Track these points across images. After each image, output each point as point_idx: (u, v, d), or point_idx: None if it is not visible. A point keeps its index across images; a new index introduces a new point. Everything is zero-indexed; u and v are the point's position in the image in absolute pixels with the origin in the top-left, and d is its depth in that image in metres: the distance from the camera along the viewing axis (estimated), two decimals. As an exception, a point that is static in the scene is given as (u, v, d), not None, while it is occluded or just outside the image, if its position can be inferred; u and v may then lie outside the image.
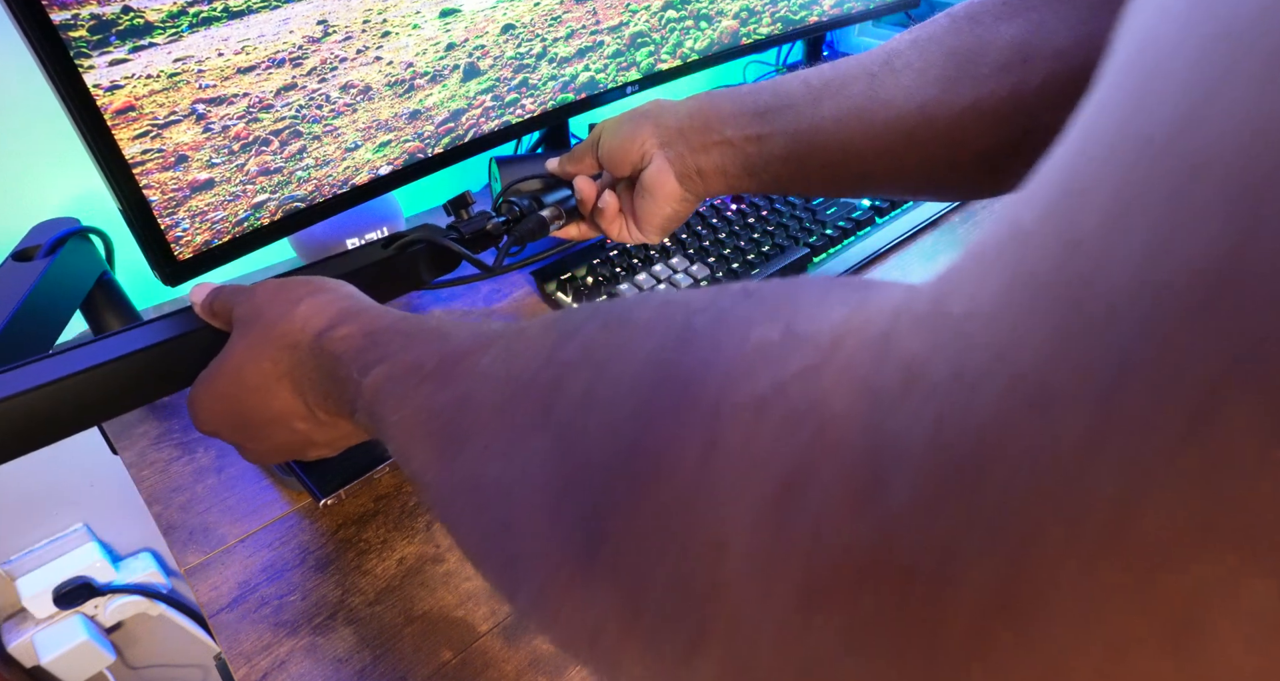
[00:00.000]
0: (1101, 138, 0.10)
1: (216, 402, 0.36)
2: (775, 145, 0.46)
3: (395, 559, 0.47)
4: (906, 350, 0.12)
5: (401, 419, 0.25)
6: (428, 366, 0.25)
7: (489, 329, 0.25)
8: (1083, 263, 0.10)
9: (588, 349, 0.19)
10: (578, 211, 0.57)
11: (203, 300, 0.40)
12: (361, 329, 0.31)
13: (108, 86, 0.41)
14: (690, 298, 0.18)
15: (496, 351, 0.23)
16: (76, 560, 0.83)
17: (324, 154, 0.52)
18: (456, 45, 0.57)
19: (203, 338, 0.41)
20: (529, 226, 0.55)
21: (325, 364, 0.32)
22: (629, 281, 0.64)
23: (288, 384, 0.34)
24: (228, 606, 0.44)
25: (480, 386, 0.22)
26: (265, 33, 0.46)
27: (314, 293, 0.35)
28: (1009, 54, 0.38)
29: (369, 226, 0.66)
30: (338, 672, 0.41)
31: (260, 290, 0.37)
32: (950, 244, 0.73)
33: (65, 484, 0.80)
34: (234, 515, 0.49)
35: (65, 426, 0.38)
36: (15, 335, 0.45)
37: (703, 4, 0.73)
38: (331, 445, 0.37)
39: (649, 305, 0.19)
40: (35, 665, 0.85)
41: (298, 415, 0.35)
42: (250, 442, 0.37)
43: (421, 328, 0.29)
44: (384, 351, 0.29)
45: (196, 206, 0.47)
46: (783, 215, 0.73)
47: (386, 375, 0.27)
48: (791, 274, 0.67)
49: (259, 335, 0.34)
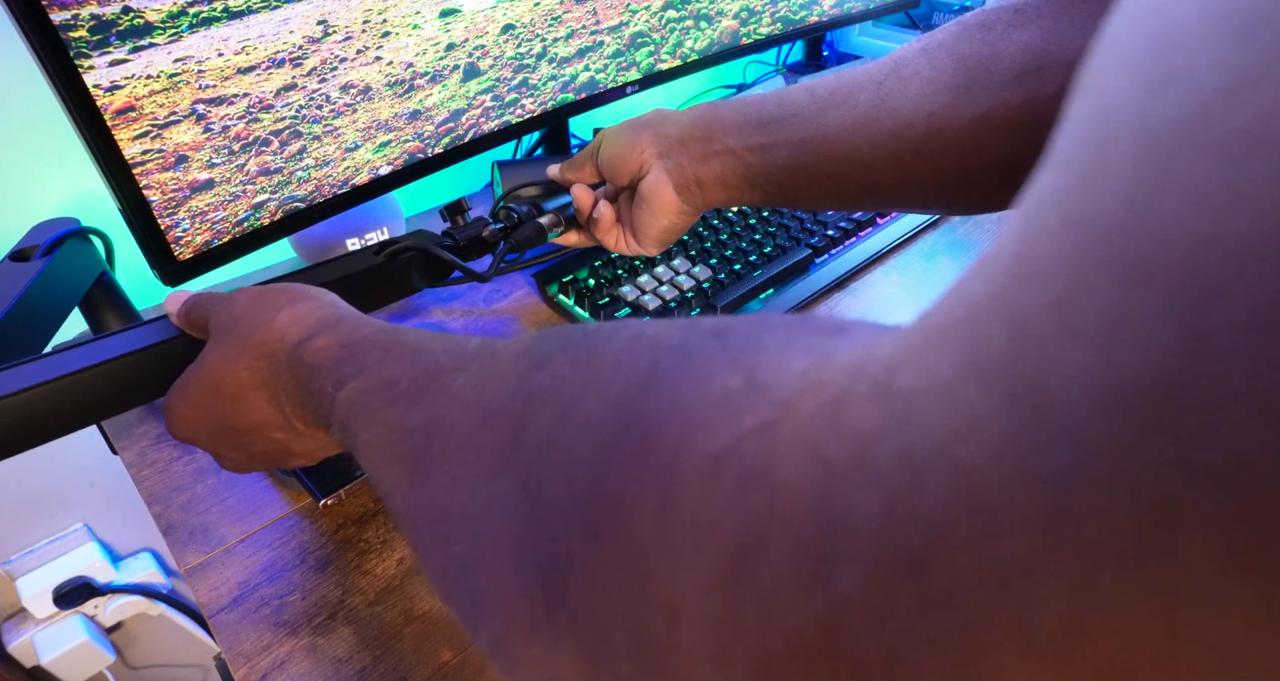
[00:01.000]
0: (1052, 216, 0.10)
1: (191, 410, 0.35)
2: (778, 155, 0.45)
3: (395, 559, 0.47)
4: (858, 421, 0.11)
5: (373, 437, 0.25)
6: (402, 383, 0.25)
7: (466, 347, 0.25)
8: (1032, 357, 0.09)
9: (556, 384, 0.19)
10: (576, 219, 0.57)
11: (178, 309, 0.39)
12: (339, 340, 0.31)
13: (108, 87, 0.41)
14: (660, 333, 0.18)
15: (470, 374, 0.22)
16: (76, 560, 0.83)
17: (324, 154, 0.52)
18: (456, 45, 0.57)
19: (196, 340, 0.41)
20: (526, 233, 0.54)
21: (301, 375, 0.31)
22: (631, 283, 0.64)
23: (264, 394, 0.33)
24: (228, 606, 0.44)
25: (451, 410, 0.22)
26: (265, 33, 0.46)
27: (294, 301, 0.34)
28: (1022, 62, 0.38)
29: (369, 226, 0.66)
30: (338, 672, 0.41)
31: (239, 298, 0.36)
32: (950, 245, 0.73)
33: (65, 484, 0.80)
34: (234, 515, 0.49)
35: (63, 425, 0.38)
36: (7, 335, 0.44)
37: (703, 4, 0.73)
38: (310, 455, 0.37)
39: (620, 338, 0.18)
40: (35, 665, 0.85)
41: (275, 425, 0.34)
42: (227, 450, 0.37)
43: (398, 341, 0.29)
44: (359, 365, 0.28)
45: (196, 206, 0.47)
46: (784, 216, 0.73)
47: (360, 390, 0.27)
48: (793, 275, 0.67)
49: (236, 344, 0.34)
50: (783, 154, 0.45)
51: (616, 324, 0.20)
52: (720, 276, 0.65)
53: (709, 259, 0.67)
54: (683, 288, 0.64)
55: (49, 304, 0.50)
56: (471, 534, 0.19)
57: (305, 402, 0.31)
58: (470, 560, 0.19)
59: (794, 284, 0.66)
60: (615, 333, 0.19)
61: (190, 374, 0.35)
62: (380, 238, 0.66)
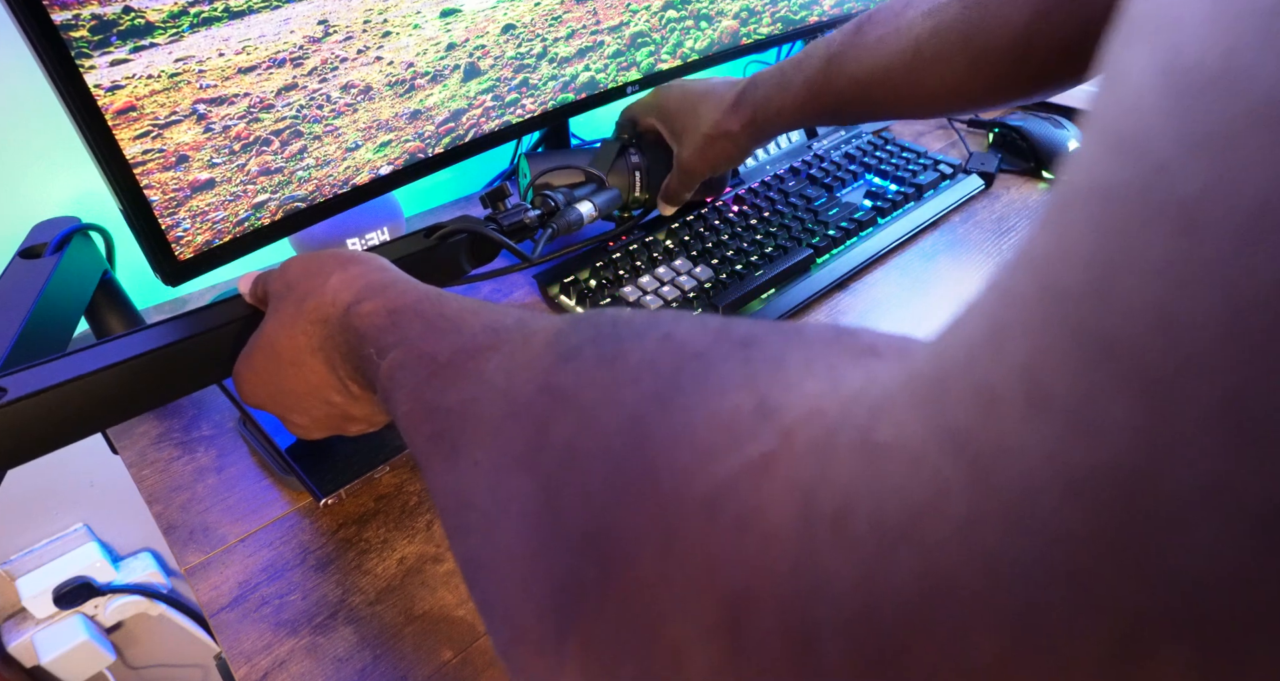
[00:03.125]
0: (1025, 279, 0.10)
1: (256, 376, 0.37)
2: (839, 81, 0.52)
3: (396, 558, 0.47)
4: (839, 473, 0.11)
5: (410, 411, 0.25)
6: (440, 358, 0.25)
7: (504, 323, 0.25)
8: (997, 427, 0.09)
9: (579, 382, 0.19)
10: (614, 209, 0.61)
11: (249, 288, 0.41)
12: (385, 305, 0.31)
13: (109, 86, 0.41)
14: (689, 336, 0.18)
15: (502, 356, 0.23)
16: (76, 560, 0.83)
17: (325, 154, 0.53)
18: (457, 45, 0.57)
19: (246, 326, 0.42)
20: (569, 219, 0.56)
21: (351, 339, 0.32)
22: (633, 283, 0.64)
23: (321, 358, 0.34)
24: (228, 606, 0.44)
25: (482, 394, 0.22)
26: (266, 33, 0.46)
27: (344, 265, 0.35)
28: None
29: (369, 226, 0.66)
30: (338, 672, 0.41)
31: (292, 265, 0.37)
32: (950, 244, 0.73)
33: (65, 484, 0.80)
34: (234, 515, 0.49)
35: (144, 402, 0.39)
36: (37, 328, 0.45)
37: (703, 4, 0.73)
38: (369, 420, 0.38)
39: (649, 336, 0.19)
40: (35, 665, 0.85)
41: (332, 388, 0.35)
42: (293, 415, 0.38)
43: (441, 312, 0.29)
44: (402, 334, 0.29)
45: (197, 206, 0.47)
46: (785, 216, 0.73)
47: (400, 362, 0.27)
48: (795, 274, 0.67)
49: (291, 309, 0.35)
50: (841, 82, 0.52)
51: (650, 317, 0.20)
52: (722, 276, 0.65)
53: (710, 259, 0.67)
54: (684, 288, 0.64)
55: (67, 298, 0.51)
56: (487, 532, 0.19)
57: (357, 367, 0.32)
58: (485, 559, 0.19)
59: (795, 284, 0.66)
60: (647, 329, 0.19)
61: (252, 342, 0.37)
62: (381, 238, 0.66)
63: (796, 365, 0.15)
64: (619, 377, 0.18)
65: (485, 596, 0.19)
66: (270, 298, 0.37)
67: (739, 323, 0.18)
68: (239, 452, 0.54)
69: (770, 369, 0.15)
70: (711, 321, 0.18)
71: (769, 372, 0.15)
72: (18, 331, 0.44)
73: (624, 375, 0.18)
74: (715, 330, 0.18)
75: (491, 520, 0.19)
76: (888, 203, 0.75)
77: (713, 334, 0.17)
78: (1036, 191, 0.81)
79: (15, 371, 0.36)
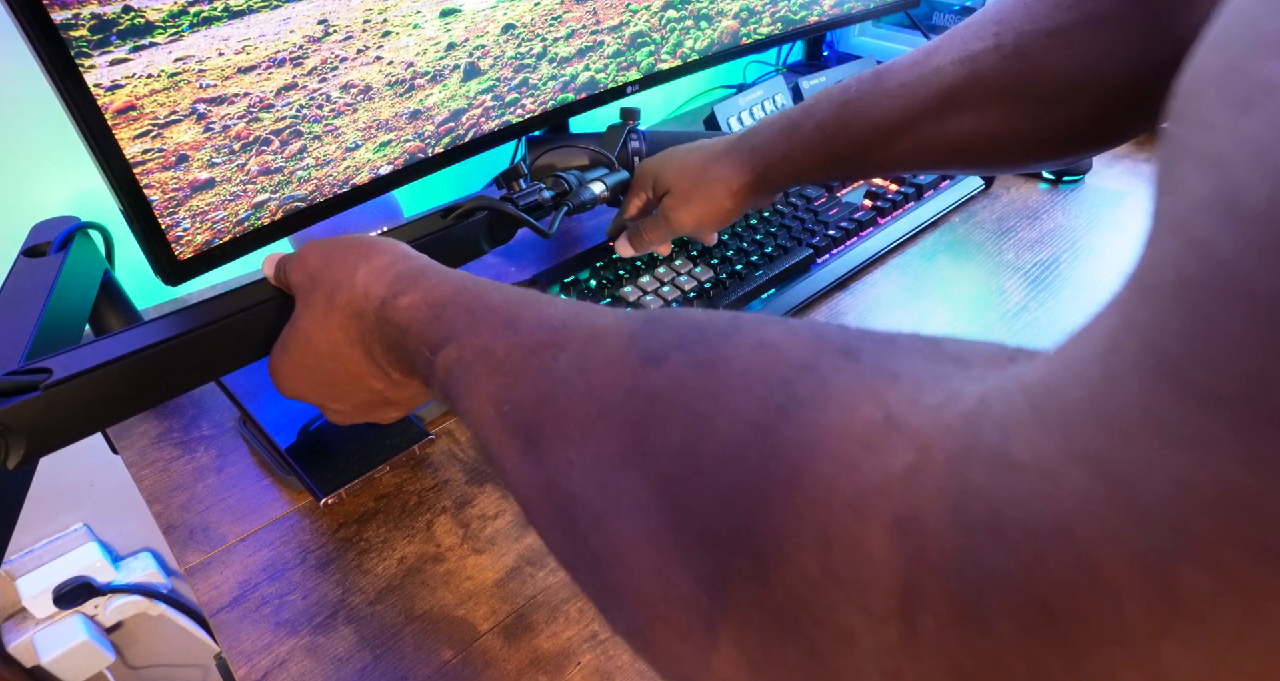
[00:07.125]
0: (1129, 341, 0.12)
1: (294, 369, 0.37)
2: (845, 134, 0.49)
3: (396, 558, 0.47)
4: (986, 487, 0.13)
5: (476, 405, 0.25)
6: (498, 353, 0.26)
7: (555, 318, 0.25)
8: (1127, 453, 0.11)
9: (677, 387, 0.19)
10: (622, 193, 0.61)
11: (273, 271, 0.41)
12: (423, 298, 0.31)
13: (108, 86, 0.41)
14: (785, 345, 0.18)
15: (570, 354, 0.23)
16: (76, 560, 0.83)
17: (324, 153, 0.53)
18: (457, 45, 0.57)
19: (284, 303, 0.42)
20: (586, 198, 0.57)
21: (392, 333, 0.32)
22: (633, 283, 0.64)
23: (360, 349, 0.34)
24: (228, 606, 0.44)
25: (558, 392, 0.22)
26: (266, 32, 0.46)
27: (367, 256, 0.35)
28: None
29: (369, 226, 0.66)
30: (338, 672, 0.41)
31: (310, 256, 0.37)
32: (950, 244, 0.73)
33: (65, 484, 0.80)
34: (234, 514, 0.49)
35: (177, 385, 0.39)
36: (50, 325, 0.46)
37: (703, 4, 0.73)
38: (408, 404, 0.39)
39: (741, 343, 0.19)
40: (35, 665, 0.85)
41: (373, 375, 0.35)
42: (332, 402, 0.38)
43: (484, 304, 0.29)
44: (450, 329, 0.29)
45: (197, 206, 0.47)
46: (785, 216, 0.73)
47: (455, 358, 0.27)
48: (794, 275, 0.67)
49: (323, 303, 0.35)
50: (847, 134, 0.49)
51: (728, 320, 0.20)
52: (722, 276, 0.65)
53: (710, 259, 0.67)
54: (684, 288, 0.64)
55: (76, 295, 0.51)
56: (600, 525, 0.20)
57: (400, 357, 0.32)
58: (602, 551, 0.20)
59: (795, 284, 0.66)
60: (732, 332, 0.20)
61: (286, 335, 0.37)
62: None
63: (909, 377, 0.16)
64: (728, 386, 0.18)
65: (605, 583, 0.20)
66: (295, 289, 0.37)
67: (828, 329, 0.19)
68: (239, 452, 0.54)
69: (887, 381, 0.16)
70: (799, 328, 0.19)
71: (887, 385, 0.16)
72: (36, 325, 0.44)
73: (731, 381, 0.18)
74: (810, 339, 0.18)
75: (603, 515, 0.20)
76: (888, 202, 0.75)
77: (810, 345, 0.18)
78: (1036, 192, 0.81)
79: (51, 357, 0.36)
